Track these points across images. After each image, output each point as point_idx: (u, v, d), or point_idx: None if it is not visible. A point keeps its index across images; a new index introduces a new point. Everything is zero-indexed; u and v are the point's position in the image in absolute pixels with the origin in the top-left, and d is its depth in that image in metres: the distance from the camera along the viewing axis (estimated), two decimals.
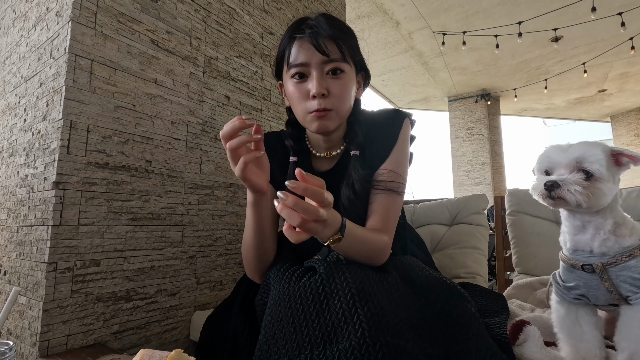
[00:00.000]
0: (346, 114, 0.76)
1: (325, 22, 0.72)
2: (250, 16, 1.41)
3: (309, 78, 0.72)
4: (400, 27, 5.03)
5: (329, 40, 0.71)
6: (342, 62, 0.72)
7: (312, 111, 0.72)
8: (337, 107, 0.73)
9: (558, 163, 0.66)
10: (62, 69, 0.88)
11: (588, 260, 0.65)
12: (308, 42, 0.71)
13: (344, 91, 0.73)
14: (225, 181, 1.25)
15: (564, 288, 0.69)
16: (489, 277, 1.52)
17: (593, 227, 0.65)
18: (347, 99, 0.74)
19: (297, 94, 0.74)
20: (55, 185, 0.84)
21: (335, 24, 0.73)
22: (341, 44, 0.72)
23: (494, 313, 0.79)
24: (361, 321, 0.50)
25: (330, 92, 0.71)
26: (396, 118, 0.81)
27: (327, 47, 0.70)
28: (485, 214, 1.39)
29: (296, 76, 0.73)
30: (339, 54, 0.71)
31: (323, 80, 0.71)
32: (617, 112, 8.96)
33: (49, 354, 0.81)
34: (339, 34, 0.72)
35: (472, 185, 7.33)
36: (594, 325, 0.67)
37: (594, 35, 5.18)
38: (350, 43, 0.75)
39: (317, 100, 0.71)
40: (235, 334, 0.71)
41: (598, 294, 0.65)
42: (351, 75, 0.75)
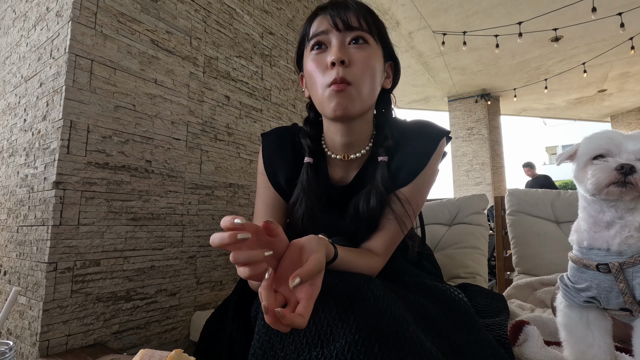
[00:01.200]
0: (368, 98, 0.68)
1: (352, 2, 0.68)
2: (250, 16, 1.41)
3: (329, 48, 0.67)
4: (400, 27, 5.03)
5: (353, 12, 0.66)
6: (366, 32, 0.67)
7: (331, 83, 0.64)
8: (358, 82, 0.65)
9: (624, 147, 0.58)
10: (62, 69, 0.88)
11: (604, 260, 0.61)
12: (330, 15, 0.67)
13: (368, 62, 0.66)
14: (225, 181, 1.25)
15: (573, 290, 0.65)
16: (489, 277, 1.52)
17: (620, 225, 0.60)
18: (371, 75, 0.67)
19: (315, 67, 0.67)
20: (55, 185, 0.84)
21: (362, 4, 0.69)
22: (367, 17, 0.67)
23: (494, 314, 0.78)
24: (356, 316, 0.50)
25: (351, 61, 0.65)
26: (433, 135, 0.72)
27: (354, 17, 0.66)
28: (485, 214, 1.39)
29: (315, 47, 0.68)
30: (365, 25, 0.66)
31: (344, 48, 0.65)
32: (617, 112, 8.96)
33: (49, 354, 0.81)
34: (365, 10, 0.68)
35: (472, 185, 7.33)
36: (605, 330, 0.63)
37: (594, 35, 5.18)
38: (378, 23, 0.70)
39: (336, 68, 0.64)
40: (230, 340, 0.69)
41: (610, 296, 0.61)
42: (377, 53, 0.68)
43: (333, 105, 0.65)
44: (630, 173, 0.56)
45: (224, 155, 1.25)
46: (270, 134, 0.83)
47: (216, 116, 1.24)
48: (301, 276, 0.44)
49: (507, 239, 1.39)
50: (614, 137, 0.60)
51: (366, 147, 0.74)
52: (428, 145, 0.71)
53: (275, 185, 0.77)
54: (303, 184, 0.71)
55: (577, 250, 0.67)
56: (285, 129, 0.83)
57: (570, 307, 0.67)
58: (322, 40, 0.67)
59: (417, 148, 0.71)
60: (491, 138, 7.37)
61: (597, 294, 0.62)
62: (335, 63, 0.64)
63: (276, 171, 0.77)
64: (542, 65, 6.27)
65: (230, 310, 0.75)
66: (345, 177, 0.76)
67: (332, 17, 0.66)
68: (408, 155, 0.71)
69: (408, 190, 0.70)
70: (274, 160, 0.78)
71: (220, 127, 1.25)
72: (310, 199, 0.70)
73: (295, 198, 0.73)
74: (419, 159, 0.70)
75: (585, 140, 0.64)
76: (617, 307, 0.62)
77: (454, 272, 1.27)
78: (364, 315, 0.50)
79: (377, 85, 0.70)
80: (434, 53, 5.82)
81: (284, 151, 0.79)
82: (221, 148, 1.24)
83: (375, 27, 0.69)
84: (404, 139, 0.72)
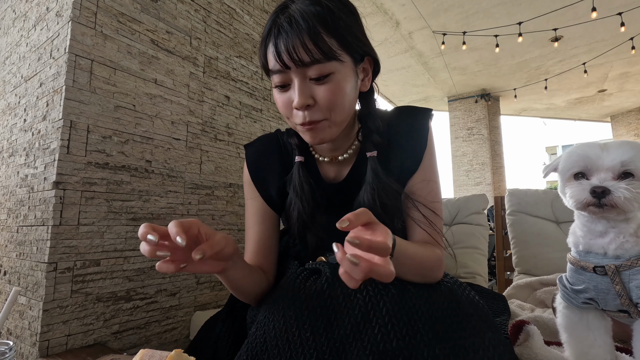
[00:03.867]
0: (346, 119, 0.65)
1: (300, 14, 0.58)
2: (250, 16, 1.41)
3: (291, 85, 0.61)
4: (400, 27, 5.03)
5: (307, 38, 0.57)
6: (327, 61, 0.58)
7: (299, 124, 0.62)
8: (330, 116, 0.61)
9: (599, 165, 0.58)
10: (62, 69, 0.88)
11: (600, 262, 0.61)
12: (275, 53, 0.59)
13: (335, 97, 0.60)
14: (225, 181, 1.25)
15: (571, 291, 0.65)
16: (489, 277, 1.52)
17: (615, 232, 0.60)
18: (343, 103, 0.62)
19: (281, 105, 0.63)
20: (55, 185, 0.84)
21: (313, 11, 0.58)
22: (324, 38, 0.57)
23: (495, 314, 0.78)
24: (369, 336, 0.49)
25: (317, 101, 0.60)
26: (421, 117, 0.71)
27: (303, 50, 0.57)
28: (485, 214, 1.39)
29: (278, 86, 0.62)
30: (320, 53, 0.57)
31: (306, 88, 0.59)
32: (617, 112, 8.96)
33: (49, 354, 0.81)
34: (318, 25, 0.58)
35: (472, 185, 7.33)
36: (604, 330, 0.63)
37: (594, 35, 5.18)
38: (340, 30, 0.60)
39: (301, 112, 0.60)
40: (217, 339, 0.69)
41: (608, 298, 0.61)
42: (345, 71, 0.61)
43: (308, 138, 0.64)
44: (603, 196, 0.56)
45: (224, 155, 1.25)
46: (253, 144, 0.79)
47: (216, 116, 1.24)
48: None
49: (507, 239, 1.39)
50: (590, 154, 0.59)
51: (353, 145, 0.71)
52: (422, 128, 0.70)
53: (266, 197, 0.74)
54: (295, 184, 0.69)
55: (574, 252, 0.67)
56: (268, 137, 0.79)
57: (570, 308, 0.67)
58: (282, 81, 0.61)
59: (412, 134, 0.70)
60: (491, 138, 7.37)
61: (595, 295, 0.62)
62: (300, 109, 0.60)
63: (266, 182, 0.74)
64: (542, 65, 6.27)
65: (223, 312, 0.75)
66: (338, 175, 0.74)
67: (278, 56, 0.58)
68: (404, 144, 0.69)
69: (422, 173, 0.68)
70: (262, 171, 0.75)
71: (220, 127, 1.25)
72: (305, 199, 0.68)
73: (289, 201, 0.70)
74: (419, 143, 0.69)
75: (565, 156, 0.64)
76: (615, 308, 0.62)
77: (454, 272, 1.27)
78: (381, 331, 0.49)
79: (353, 101, 0.65)
80: (434, 53, 5.82)
81: (271, 160, 0.75)
82: (221, 148, 1.24)
83: (336, 38, 0.59)
84: (392, 128, 0.71)
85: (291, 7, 0.60)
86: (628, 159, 0.56)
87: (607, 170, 0.57)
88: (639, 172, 0.56)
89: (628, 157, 0.56)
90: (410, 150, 0.69)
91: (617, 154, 0.57)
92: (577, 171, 0.62)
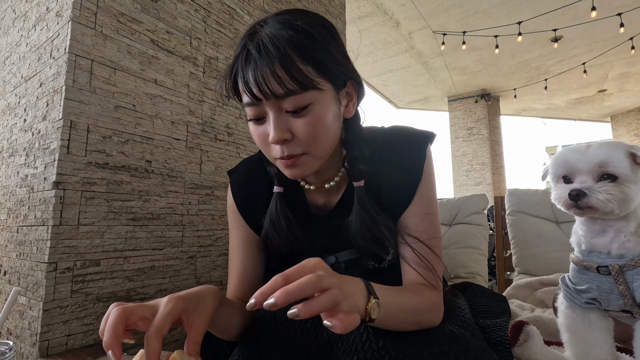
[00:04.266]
0: (328, 152, 0.59)
1: (270, 40, 0.51)
2: (250, 16, 1.41)
3: (266, 118, 0.55)
4: (400, 27, 5.03)
5: (278, 67, 0.50)
6: (303, 91, 0.52)
7: (277, 158, 0.56)
8: (310, 148, 0.55)
9: (579, 169, 0.60)
10: (62, 69, 0.88)
11: (604, 262, 0.61)
12: (245, 87, 0.53)
13: (315, 129, 0.54)
14: (225, 181, 1.25)
15: (574, 291, 0.66)
16: (489, 277, 1.52)
17: (614, 231, 0.61)
18: (324, 135, 0.56)
19: (256, 139, 0.58)
20: (55, 185, 0.84)
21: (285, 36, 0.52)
22: (298, 66, 0.51)
23: (495, 315, 0.78)
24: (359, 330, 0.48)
25: (295, 135, 0.54)
26: (416, 143, 0.64)
27: (274, 81, 0.50)
28: (485, 214, 1.40)
29: (252, 120, 0.57)
30: (295, 84, 0.51)
31: (282, 122, 0.53)
32: (617, 112, 8.97)
33: (49, 354, 0.81)
34: (291, 51, 0.51)
35: (472, 185, 7.34)
36: (606, 330, 0.64)
37: (594, 35, 5.18)
38: (317, 55, 0.54)
39: (279, 147, 0.55)
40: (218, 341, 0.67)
41: (611, 298, 0.61)
42: (325, 99, 0.55)
43: (287, 173, 0.58)
44: (578, 198, 0.58)
45: (224, 155, 1.25)
46: (238, 169, 0.74)
47: (216, 116, 1.24)
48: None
49: (507, 239, 1.39)
50: (569, 159, 0.61)
51: (339, 173, 0.65)
52: (418, 155, 0.63)
53: (252, 223, 0.69)
54: (272, 217, 0.63)
55: (578, 252, 0.67)
56: (252, 160, 0.73)
57: (572, 307, 0.67)
58: (256, 114, 0.55)
59: (406, 161, 0.63)
60: (491, 138, 7.37)
61: (598, 295, 0.62)
62: (277, 143, 0.54)
63: (252, 209, 0.69)
64: (542, 65, 6.27)
65: None
66: (327, 203, 0.68)
67: (247, 88, 0.52)
68: (397, 172, 0.63)
69: (417, 207, 0.62)
70: (248, 198, 0.70)
71: (220, 127, 1.25)
72: (282, 235, 0.63)
73: (264, 234, 0.65)
74: (413, 173, 0.62)
75: (552, 160, 0.66)
76: (618, 308, 0.62)
77: (454, 272, 1.27)
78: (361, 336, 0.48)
79: (336, 131, 0.59)
80: (434, 53, 5.82)
81: (258, 187, 0.70)
82: (221, 148, 1.24)
83: (313, 65, 0.53)
84: (384, 151, 0.64)
85: (261, 32, 0.54)
86: (604, 160, 0.58)
87: (587, 172, 0.59)
88: (617, 172, 0.57)
89: (604, 158, 0.58)
90: (403, 181, 0.63)
91: (594, 156, 0.59)
92: (562, 174, 0.64)
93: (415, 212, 0.62)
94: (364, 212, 0.60)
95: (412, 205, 0.62)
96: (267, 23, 0.55)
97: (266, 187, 0.68)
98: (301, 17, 0.56)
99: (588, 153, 0.60)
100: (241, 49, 0.55)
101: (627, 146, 0.59)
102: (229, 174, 0.74)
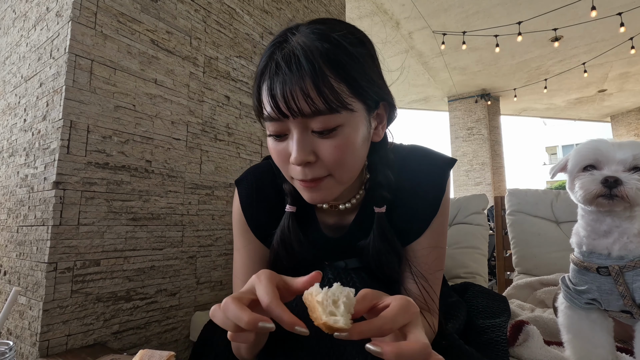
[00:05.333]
0: (353, 176, 0.55)
1: (303, 52, 0.47)
2: (250, 16, 1.41)
3: (289, 136, 0.50)
4: (400, 27, 5.03)
5: (310, 84, 0.46)
6: (329, 113, 0.47)
7: (298, 179, 0.52)
8: (335, 171, 0.51)
9: (610, 158, 0.58)
10: (62, 69, 0.88)
11: (604, 263, 0.61)
12: (271, 101, 0.48)
13: (343, 153, 0.50)
14: (225, 181, 1.25)
15: (574, 292, 0.65)
16: (489, 277, 1.52)
17: (618, 232, 0.60)
18: (352, 160, 0.52)
19: (275, 156, 0.54)
20: (55, 185, 0.84)
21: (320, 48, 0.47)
22: (332, 85, 0.46)
23: (495, 315, 0.78)
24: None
25: (320, 157, 0.50)
26: (437, 174, 0.61)
27: (304, 99, 0.46)
28: (485, 214, 1.39)
29: (273, 136, 0.52)
30: (326, 104, 0.46)
31: (306, 142, 0.49)
32: (617, 112, 8.97)
33: (49, 354, 0.81)
34: (326, 67, 0.47)
35: (472, 185, 7.34)
36: (607, 330, 0.63)
37: (594, 35, 5.18)
38: (353, 72, 0.49)
39: (300, 169, 0.51)
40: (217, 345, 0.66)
41: (610, 298, 0.61)
42: (356, 122, 0.50)
43: (306, 196, 0.54)
44: (615, 186, 0.56)
45: (224, 155, 1.25)
46: (245, 181, 0.68)
47: (216, 116, 1.24)
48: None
49: (507, 239, 1.39)
50: (601, 147, 0.59)
51: (357, 195, 0.62)
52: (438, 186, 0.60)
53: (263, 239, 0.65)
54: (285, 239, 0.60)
55: (578, 252, 0.67)
56: (260, 170, 0.68)
57: (572, 307, 0.67)
58: (278, 131, 0.50)
59: (425, 191, 0.60)
60: (491, 138, 7.37)
61: (598, 296, 0.62)
62: (299, 165, 0.50)
63: (262, 225, 0.65)
64: (542, 65, 6.27)
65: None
66: (339, 224, 0.65)
67: (274, 103, 0.47)
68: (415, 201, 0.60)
69: (428, 239, 0.60)
70: (258, 214, 0.65)
71: (220, 127, 1.25)
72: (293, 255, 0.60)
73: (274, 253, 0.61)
74: (430, 204, 0.60)
75: (574, 151, 0.64)
76: (618, 309, 0.62)
77: (454, 272, 1.27)
78: None
79: (364, 155, 0.55)
80: (434, 53, 5.82)
81: (267, 199, 0.65)
82: (221, 148, 1.24)
83: (347, 83, 0.48)
84: (402, 174, 0.60)
85: (292, 41, 0.49)
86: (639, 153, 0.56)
87: (618, 163, 0.57)
88: None
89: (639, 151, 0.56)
90: (419, 211, 0.60)
91: (630, 148, 0.57)
92: (587, 164, 0.61)
93: (425, 244, 0.60)
94: (383, 240, 0.57)
95: (422, 237, 0.60)
96: (299, 31, 0.50)
97: (274, 199, 0.64)
98: (339, 28, 0.51)
99: (622, 145, 0.58)
100: (268, 58, 0.50)
101: None
102: (237, 184, 0.69)
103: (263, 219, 0.64)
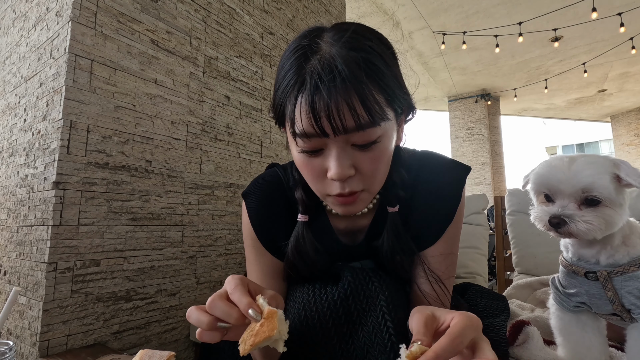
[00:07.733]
0: (381, 185, 0.55)
1: (343, 62, 0.43)
2: (250, 16, 1.41)
3: (325, 151, 0.48)
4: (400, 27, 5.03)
5: (356, 98, 0.43)
6: (372, 126, 0.45)
7: (334, 195, 0.50)
8: (370, 186, 0.51)
9: (561, 190, 0.56)
10: (62, 69, 0.88)
11: (592, 268, 0.59)
12: (313, 115, 0.44)
13: (380, 164, 0.50)
14: (225, 181, 1.25)
15: (564, 295, 0.65)
16: (489, 277, 1.52)
17: (600, 244, 0.59)
18: (384, 169, 0.52)
19: (309, 172, 0.51)
20: (55, 185, 0.84)
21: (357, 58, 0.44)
22: (375, 97, 0.45)
23: (494, 314, 0.78)
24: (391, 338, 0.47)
25: (358, 170, 0.48)
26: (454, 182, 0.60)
27: (349, 115, 0.44)
28: (485, 214, 1.39)
29: (305, 152, 0.49)
30: (368, 117, 0.44)
31: (346, 157, 0.47)
32: (617, 112, 8.97)
33: (49, 354, 0.81)
34: (368, 79, 0.44)
35: (472, 185, 7.34)
36: (598, 331, 0.63)
37: (594, 35, 5.18)
38: (389, 81, 0.47)
39: (339, 183, 0.49)
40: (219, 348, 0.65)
41: (600, 303, 0.60)
42: (390, 131, 0.49)
43: (340, 210, 0.53)
44: (559, 226, 0.55)
45: (224, 155, 1.25)
46: (252, 194, 0.65)
47: (216, 116, 1.24)
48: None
49: (507, 239, 1.39)
50: (552, 180, 0.57)
51: (373, 199, 0.60)
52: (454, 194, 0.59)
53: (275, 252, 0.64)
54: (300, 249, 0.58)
55: (567, 256, 0.66)
56: (266, 181, 0.66)
57: (562, 310, 0.66)
58: (313, 147, 0.48)
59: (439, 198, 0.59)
60: (491, 138, 7.37)
61: (587, 300, 0.61)
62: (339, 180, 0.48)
63: (273, 238, 0.63)
64: (542, 65, 6.27)
65: None
66: (353, 231, 0.64)
67: (316, 120, 0.44)
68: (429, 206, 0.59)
69: (442, 246, 0.59)
70: (268, 226, 0.63)
71: (220, 127, 1.25)
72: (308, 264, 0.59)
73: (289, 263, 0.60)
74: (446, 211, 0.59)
75: (533, 174, 0.62)
76: (607, 312, 0.61)
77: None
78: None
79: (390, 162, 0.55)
80: (434, 53, 5.82)
81: (277, 212, 0.63)
82: (221, 148, 1.24)
83: (384, 94, 0.46)
84: (418, 179, 0.60)
85: (323, 48, 0.45)
86: (589, 184, 0.53)
87: (569, 196, 0.55)
88: (602, 196, 0.53)
89: (589, 182, 0.53)
90: (434, 218, 0.59)
91: (578, 180, 0.54)
92: (543, 192, 0.60)
93: (439, 250, 0.59)
94: (397, 239, 0.56)
95: (437, 244, 0.59)
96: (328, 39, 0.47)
97: (284, 210, 0.63)
98: (368, 35, 0.48)
99: (571, 173, 0.55)
100: (298, 68, 0.46)
101: (612, 165, 0.55)
102: (244, 197, 0.67)
103: (274, 232, 0.63)
